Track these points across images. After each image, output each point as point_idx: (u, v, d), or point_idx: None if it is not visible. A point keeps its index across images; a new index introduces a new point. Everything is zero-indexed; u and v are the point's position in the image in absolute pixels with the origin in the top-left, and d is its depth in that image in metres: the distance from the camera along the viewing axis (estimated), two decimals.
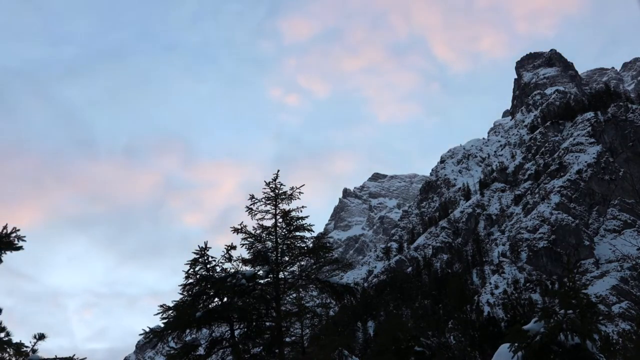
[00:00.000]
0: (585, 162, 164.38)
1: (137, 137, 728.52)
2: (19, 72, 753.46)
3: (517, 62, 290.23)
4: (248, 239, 19.58)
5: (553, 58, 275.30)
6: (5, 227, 13.15)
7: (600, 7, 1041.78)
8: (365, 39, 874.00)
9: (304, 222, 19.62)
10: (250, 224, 19.66)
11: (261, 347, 18.69)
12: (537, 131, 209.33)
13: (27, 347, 14.32)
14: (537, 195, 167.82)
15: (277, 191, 19.64)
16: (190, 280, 18.90)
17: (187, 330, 18.20)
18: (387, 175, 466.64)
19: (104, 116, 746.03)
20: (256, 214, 19.73)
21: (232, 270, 18.81)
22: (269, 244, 19.65)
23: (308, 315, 20.25)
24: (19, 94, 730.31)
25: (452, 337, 76.31)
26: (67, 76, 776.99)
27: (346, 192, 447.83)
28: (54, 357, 14.05)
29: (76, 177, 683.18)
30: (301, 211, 19.67)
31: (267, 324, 18.92)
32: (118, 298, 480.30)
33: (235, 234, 19.54)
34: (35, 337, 14.42)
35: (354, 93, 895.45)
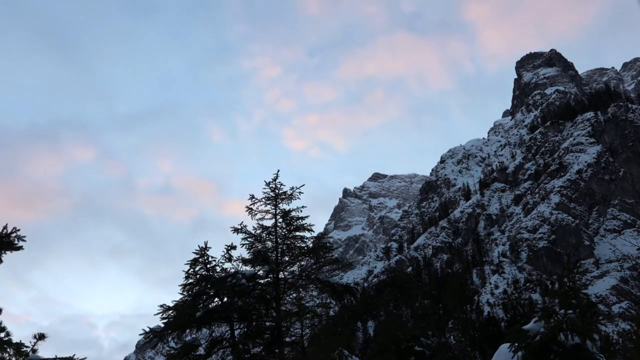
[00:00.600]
0: (585, 162, 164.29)
1: (175, 178, 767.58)
2: (69, 122, 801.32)
3: (517, 62, 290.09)
4: (248, 239, 19.56)
5: (553, 58, 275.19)
6: (5, 227, 13.14)
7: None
8: (383, 100, 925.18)
9: (304, 222, 19.61)
10: (250, 224, 19.66)
11: (261, 347, 18.68)
12: (537, 131, 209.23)
13: (27, 347, 14.32)
14: (537, 195, 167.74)
15: (277, 191, 19.62)
16: (190, 280, 18.90)
17: (187, 330, 18.19)
18: (387, 175, 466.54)
19: (145, 159, 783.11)
20: (256, 214, 19.71)
21: (232, 270, 18.79)
22: (269, 244, 19.63)
23: (308, 315, 20.23)
24: (67, 139, 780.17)
25: (452, 337, 76.32)
26: (114, 126, 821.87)
27: (346, 192, 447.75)
28: (54, 357, 14.05)
29: (115, 213, 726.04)
30: (301, 211, 19.67)
31: (267, 324, 18.91)
32: (142, 317, 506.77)
33: (235, 234, 19.54)
34: (35, 337, 14.41)
35: (372, 147, 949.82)
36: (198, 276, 18.88)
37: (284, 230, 19.67)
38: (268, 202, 19.63)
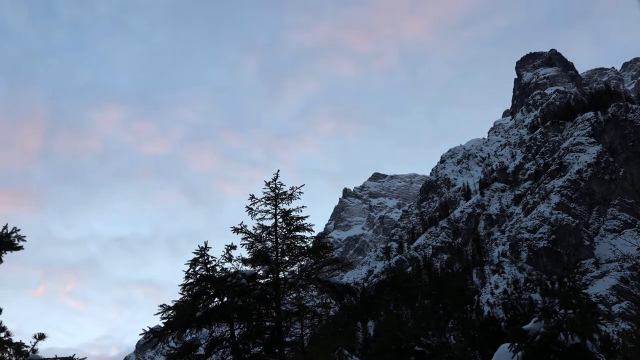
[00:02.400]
0: (585, 162, 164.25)
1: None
2: (184, 234, 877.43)
3: (517, 62, 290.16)
4: (248, 239, 19.54)
5: (553, 58, 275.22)
6: (5, 227, 13.15)
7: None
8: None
9: (304, 222, 19.60)
10: (251, 223, 19.64)
11: (261, 347, 18.67)
12: (537, 131, 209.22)
13: (27, 346, 14.33)
14: (537, 195, 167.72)
15: (277, 191, 19.59)
16: (191, 280, 18.90)
17: (187, 330, 18.19)
18: (387, 175, 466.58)
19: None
20: (256, 214, 19.68)
21: (232, 270, 18.78)
22: (269, 243, 19.61)
23: (308, 315, 20.22)
24: (182, 246, 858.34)
25: (452, 337, 76.26)
26: (215, 236, 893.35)
27: (346, 192, 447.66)
28: (54, 357, 14.06)
29: None
30: (301, 211, 19.65)
31: (267, 324, 18.90)
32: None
33: (236, 233, 19.52)
34: (35, 337, 14.42)
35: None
36: (198, 276, 18.89)
37: (284, 230, 19.65)
38: (268, 202, 19.61)
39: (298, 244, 19.66)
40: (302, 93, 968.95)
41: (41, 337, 14.44)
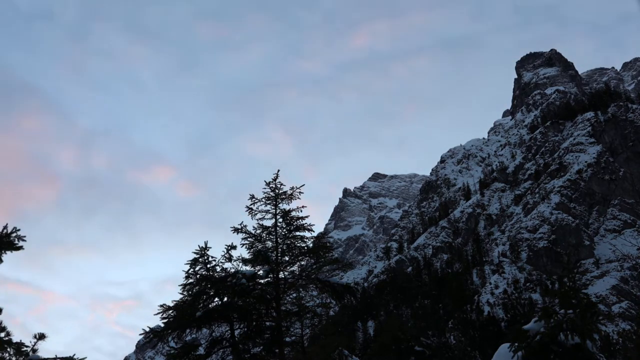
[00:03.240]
0: (585, 162, 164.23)
1: None
2: None
3: (517, 62, 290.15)
4: (248, 239, 19.54)
5: (553, 58, 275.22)
6: (5, 227, 13.15)
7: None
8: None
9: (304, 221, 19.60)
10: (251, 223, 19.64)
11: (261, 347, 18.67)
12: (537, 131, 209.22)
13: (27, 346, 14.33)
14: (537, 195, 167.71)
15: (277, 191, 19.59)
16: (191, 280, 18.90)
17: (187, 330, 18.19)
18: (387, 175, 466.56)
19: None
20: (256, 214, 19.69)
21: (232, 270, 18.78)
22: (269, 243, 19.61)
23: (308, 315, 20.23)
24: None
25: (452, 337, 76.36)
26: None
27: (346, 192, 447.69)
28: (54, 357, 14.05)
29: None
30: (301, 211, 19.66)
31: (267, 324, 18.90)
32: None
33: (236, 233, 19.51)
34: (35, 337, 14.42)
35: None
36: (198, 276, 18.88)
37: (284, 230, 19.65)
38: (268, 202, 19.61)
39: (298, 244, 19.67)
40: (331, 166, 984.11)
41: (41, 337, 14.44)
